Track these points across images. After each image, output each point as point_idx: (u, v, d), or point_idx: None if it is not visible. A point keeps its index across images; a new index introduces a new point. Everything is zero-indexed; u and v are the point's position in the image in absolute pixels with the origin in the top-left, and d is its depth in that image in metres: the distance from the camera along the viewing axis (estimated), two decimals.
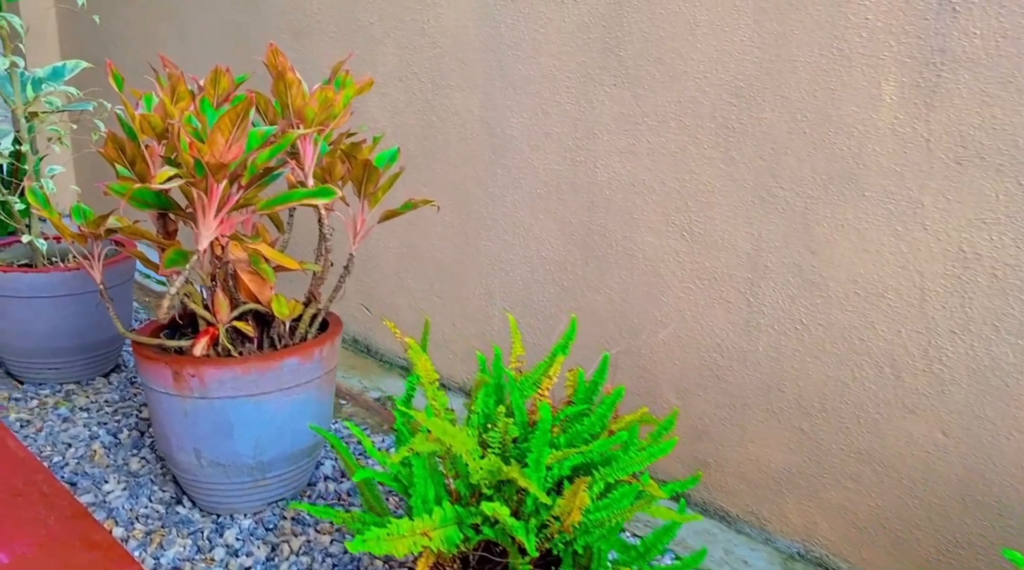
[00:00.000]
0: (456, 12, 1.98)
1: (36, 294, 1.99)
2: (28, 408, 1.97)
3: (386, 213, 1.51)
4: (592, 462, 1.03)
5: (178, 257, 1.32)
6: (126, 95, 1.41)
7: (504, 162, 1.94)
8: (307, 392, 1.54)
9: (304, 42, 2.42)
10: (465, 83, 2.00)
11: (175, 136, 1.18)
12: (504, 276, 2.00)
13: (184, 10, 2.87)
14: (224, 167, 1.17)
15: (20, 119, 2.05)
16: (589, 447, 1.01)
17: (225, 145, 1.17)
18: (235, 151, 1.19)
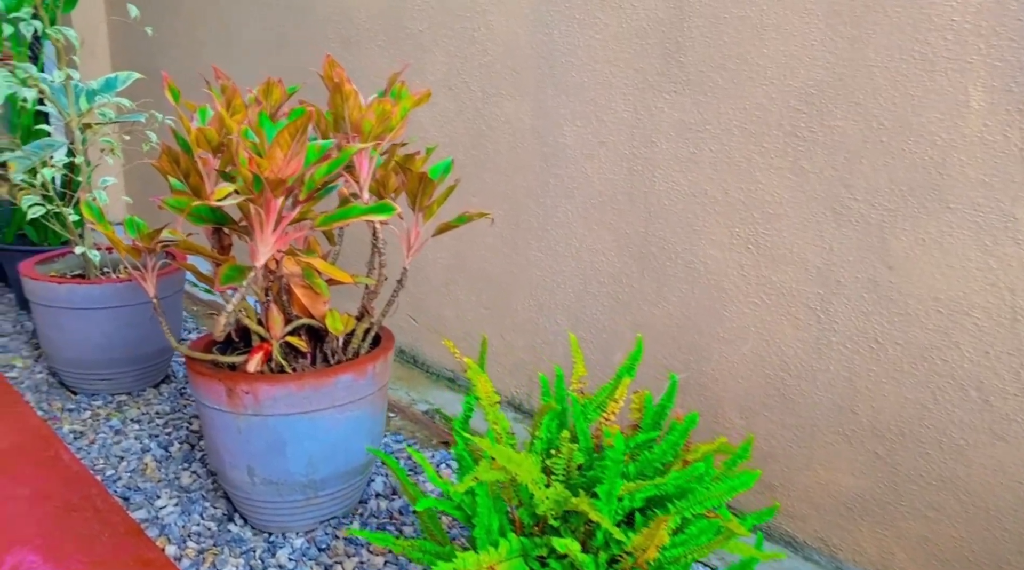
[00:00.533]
0: (508, 19, 1.94)
1: (89, 306, 2.00)
2: (81, 419, 1.97)
3: (441, 226, 1.47)
4: (667, 495, 0.97)
5: (234, 273, 1.29)
6: (181, 108, 1.40)
7: (556, 171, 1.90)
8: (360, 409, 1.51)
9: (353, 51, 2.40)
10: (516, 91, 1.96)
11: (234, 151, 1.16)
12: (556, 288, 1.95)
13: (231, 20, 2.88)
14: (283, 182, 1.14)
15: (74, 131, 2.06)
16: (664, 479, 0.95)
17: (284, 160, 1.14)
18: (293, 166, 1.17)
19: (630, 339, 1.79)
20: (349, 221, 1.20)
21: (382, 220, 1.25)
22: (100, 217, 1.52)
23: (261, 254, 1.23)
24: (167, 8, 3.16)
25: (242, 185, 1.15)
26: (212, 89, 1.70)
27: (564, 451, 1.08)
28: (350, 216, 1.21)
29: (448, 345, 1.25)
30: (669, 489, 0.97)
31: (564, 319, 1.95)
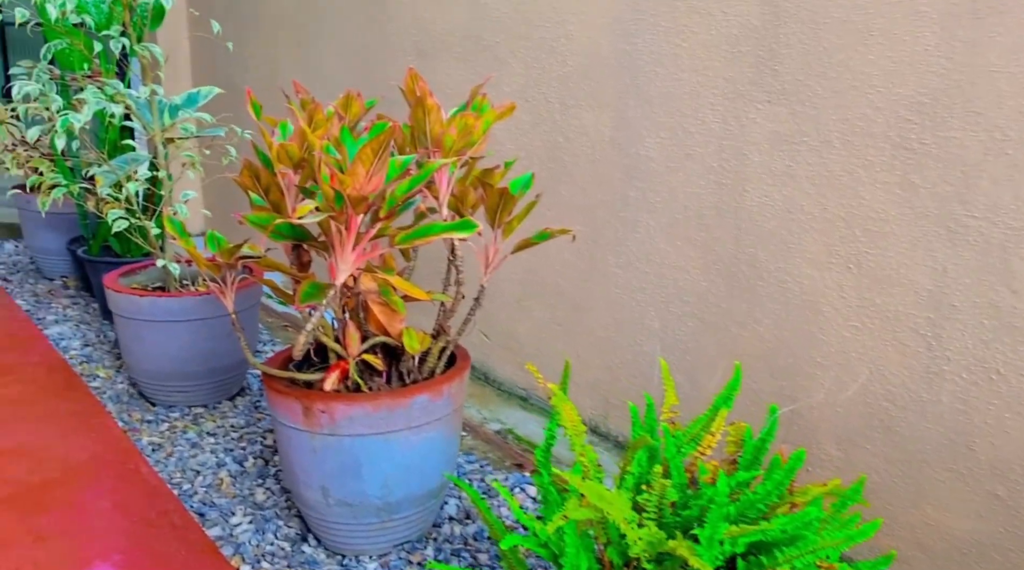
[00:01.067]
0: (588, 29, 1.88)
1: (168, 318, 2.02)
2: (159, 431, 1.99)
3: (520, 243, 1.42)
4: (774, 541, 0.89)
5: (314, 291, 1.27)
6: (263, 123, 1.38)
7: (638, 185, 1.83)
8: (436, 430, 1.46)
9: (429, 63, 2.38)
10: (596, 102, 1.90)
11: (316, 167, 1.13)
12: (635, 307, 1.88)
13: (308, 34, 2.91)
14: (364, 199, 1.11)
15: (157, 145, 2.10)
16: (771, 524, 0.87)
17: (366, 177, 1.11)
18: (375, 182, 1.13)
19: (716, 361, 1.70)
20: (430, 239, 1.16)
21: (463, 238, 1.20)
22: (182, 231, 1.52)
23: (341, 272, 1.20)
24: (247, 23, 3.22)
25: (323, 202, 1.12)
26: (292, 104, 1.70)
27: (656, 487, 1.00)
28: (431, 234, 1.17)
29: (531, 370, 1.19)
30: (776, 535, 0.89)
31: (644, 339, 1.87)
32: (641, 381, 1.90)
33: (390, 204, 1.17)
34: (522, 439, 2.03)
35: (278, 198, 1.47)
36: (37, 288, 3.10)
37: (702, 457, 1.07)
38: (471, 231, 1.16)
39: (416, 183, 1.17)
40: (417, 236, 1.17)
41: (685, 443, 1.08)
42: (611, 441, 1.99)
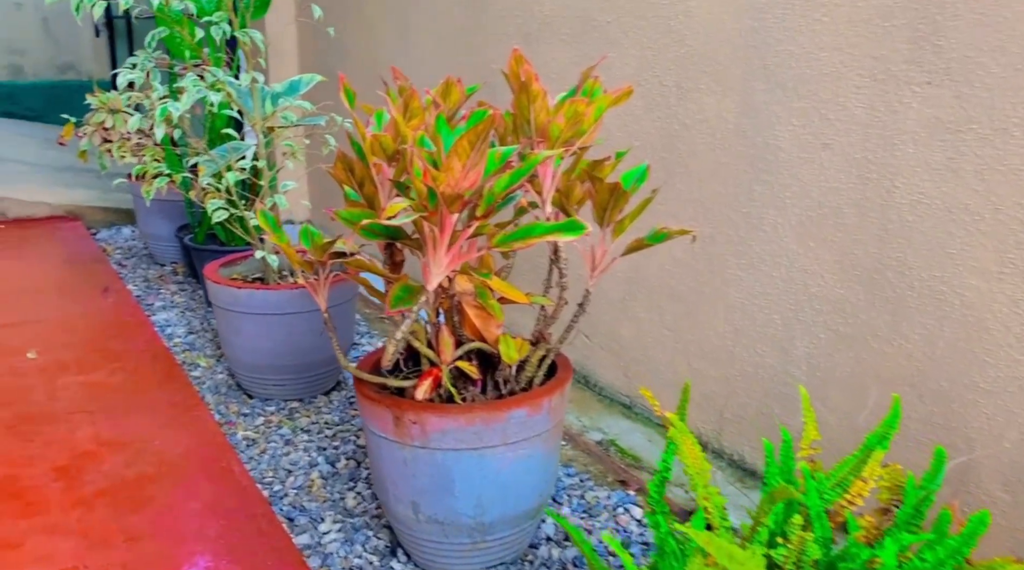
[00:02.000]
0: (711, 5, 1.70)
1: (266, 311, 1.99)
2: (254, 426, 1.96)
3: (633, 244, 1.27)
4: None
5: (405, 295, 1.17)
6: (357, 112, 1.29)
7: (765, 178, 1.63)
8: (533, 447, 1.34)
9: (533, 46, 2.24)
10: (718, 86, 1.72)
11: (408, 161, 1.02)
12: (757, 313, 1.69)
13: (410, 18, 2.83)
14: (459, 198, 0.99)
15: (259, 134, 2.06)
16: None
17: (462, 172, 0.99)
18: (472, 178, 1.01)
19: (852, 380, 1.50)
20: (532, 241, 1.03)
21: (569, 241, 1.07)
22: (275, 226, 1.45)
23: (434, 276, 1.09)
24: (350, 8, 3.18)
25: (416, 200, 1.01)
26: (389, 91, 1.60)
27: (794, 541, 0.84)
28: (533, 236, 1.04)
29: (647, 395, 1.05)
30: None
31: (767, 349, 1.68)
32: (762, 396, 1.72)
33: (488, 201, 1.05)
34: (626, 452, 1.88)
35: (372, 192, 1.38)
36: (148, 273, 3.18)
37: (850, 506, 0.90)
38: (579, 233, 1.02)
39: (518, 178, 1.04)
40: (517, 238, 1.05)
41: (829, 489, 0.91)
42: (725, 459, 1.81)
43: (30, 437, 1.78)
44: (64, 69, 7.29)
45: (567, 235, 1.02)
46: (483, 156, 1.01)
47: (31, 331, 2.43)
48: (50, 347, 2.31)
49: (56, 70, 7.25)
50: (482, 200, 1.06)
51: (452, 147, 0.98)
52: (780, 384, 1.67)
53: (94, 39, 6.91)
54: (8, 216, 3.78)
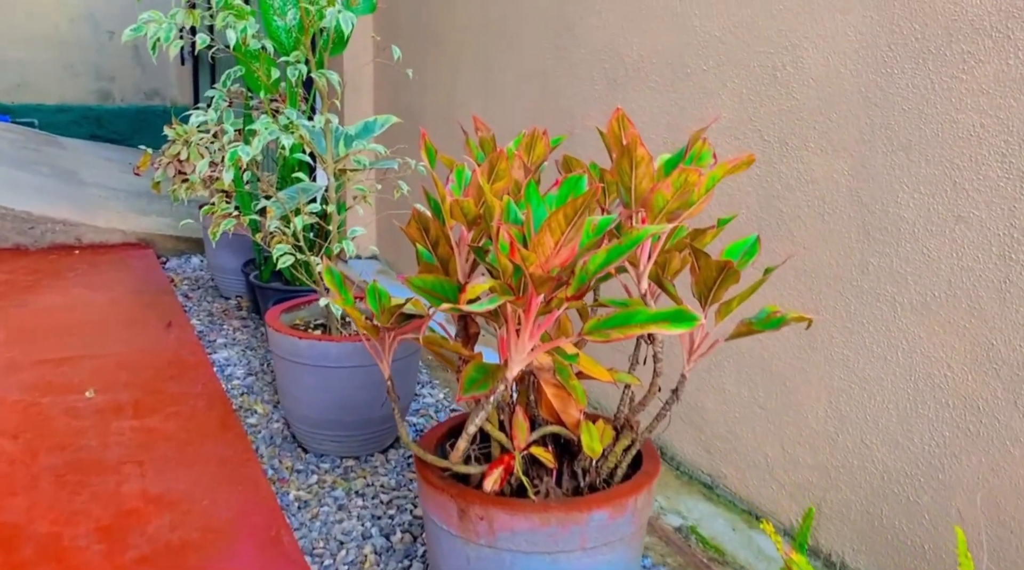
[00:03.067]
0: (827, 55, 1.54)
1: (326, 364, 1.88)
2: (307, 485, 1.85)
3: (741, 328, 1.11)
4: None
5: (480, 376, 1.03)
6: (437, 171, 1.17)
7: (883, 249, 1.45)
8: (614, 552, 1.18)
9: (619, 93, 2.12)
10: (829, 144, 1.55)
11: (494, 233, 0.90)
12: (867, 400, 1.50)
13: (491, 59, 2.74)
14: (550, 280, 0.86)
15: (330, 177, 1.98)
16: None
17: (554, 249, 0.86)
18: (564, 255, 0.88)
19: (983, 489, 1.29)
20: (632, 332, 0.88)
21: (677, 333, 0.91)
22: (340, 285, 1.35)
23: (515, 362, 0.95)
24: (429, 49, 3.12)
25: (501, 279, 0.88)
26: (469, 142, 1.49)
27: None
28: (633, 324, 0.90)
29: (767, 530, 0.88)
30: None
31: (878, 442, 1.48)
32: (868, 494, 1.51)
33: (580, 280, 0.91)
34: (708, 542, 1.70)
35: (447, 254, 1.26)
36: (213, 307, 3.14)
37: None
38: (689, 326, 0.87)
39: (616, 256, 0.90)
40: (615, 325, 0.90)
41: None
42: (821, 558, 1.61)
43: (78, 489, 1.70)
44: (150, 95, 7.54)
45: (675, 327, 0.87)
46: (579, 231, 0.88)
47: (92, 367, 2.39)
48: (109, 386, 2.26)
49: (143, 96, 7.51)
50: (574, 278, 0.92)
51: (545, 222, 0.85)
52: (892, 483, 1.47)
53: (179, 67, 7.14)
54: (83, 241, 3.83)
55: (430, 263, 1.26)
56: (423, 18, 3.17)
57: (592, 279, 0.92)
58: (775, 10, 1.65)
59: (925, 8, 1.36)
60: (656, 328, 0.86)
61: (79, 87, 7.23)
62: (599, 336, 0.89)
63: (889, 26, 1.42)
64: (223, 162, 1.86)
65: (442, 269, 1.28)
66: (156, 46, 1.64)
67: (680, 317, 0.86)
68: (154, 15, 1.71)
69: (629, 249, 0.89)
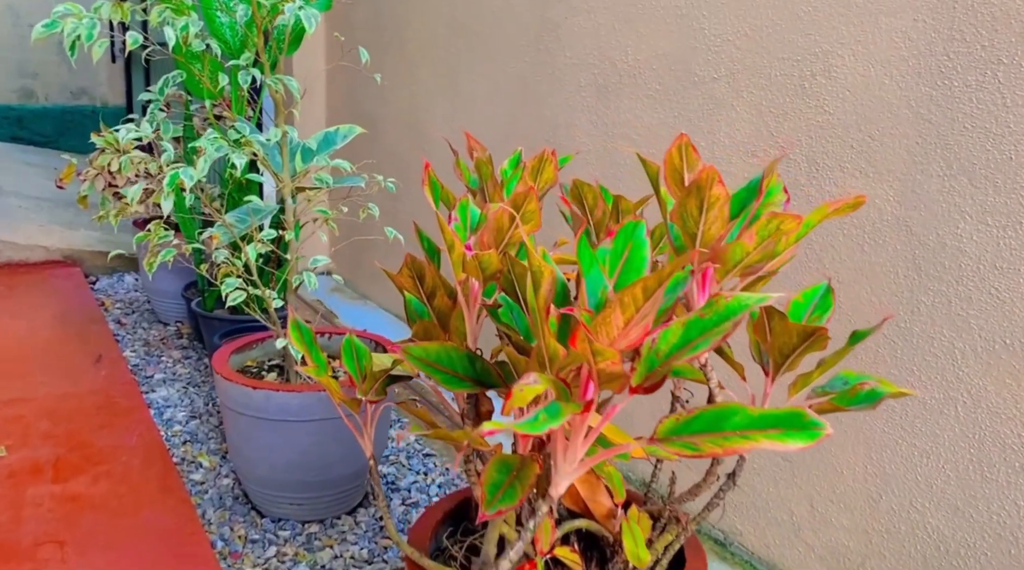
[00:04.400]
0: (867, 64, 1.35)
1: (284, 417, 1.62)
2: (264, 559, 1.58)
3: (824, 404, 0.90)
4: None
5: (504, 480, 0.79)
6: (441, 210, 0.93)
7: (936, 287, 1.27)
8: None
9: (610, 102, 1.90)
10: (870, 165, 1.36)
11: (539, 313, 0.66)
12: (919, 458, 1.31)
13: (458, 60, 2.49)
14: (623, 376, 0.63)
15: (286, 198, 1.71)
16: None
17: (623, 329, 0.63)
18: (635, 336, 0.65)
19: None
20: (732, 447, 0.65)
21: (794, 447, 0.69)
22: (311, 345, 1.09)
23: (563, 476, 0.72)
24: (389, 48, 2.86)
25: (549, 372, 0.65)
26: (460, 164, 1.25)
27: None
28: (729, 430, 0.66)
29: None
30: None
31: (932, 506, 1.30)
32: (919, 564, 1.33)
33: (649, 365, 0.69)
34: None
35: (445, 308, 1.02)
36: (150, 335, 2.82)
37: None
38: (812, 439, 0.65)
39: (699, 333, 0.68)
40: (701, 431, 0.67)
41: None
42: None
43: None
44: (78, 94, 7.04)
45: (793, 440, 0.64)
46: (656, 306, 0.65)
47: (5, 416, 2.07)
48: (26, 439, 1.94)
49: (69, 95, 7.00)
50: (639, 361, 0.69)
51: (616, 297, 0.62)
52: (951, 555, 1.28)
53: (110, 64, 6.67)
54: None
55: (426, 320, 1.02)
56: (381, 17, 2.91)
57: (666, 366, 0.69)
58: (801, 11, 1.45)
59: (995, 11, 1.17)
60: (767, 441, 0.64)
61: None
62: (683, 448, 0.66)
63: (948, 31, 1.23)
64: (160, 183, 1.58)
65: (439, 325, 1.04)
66: (75, 45, 1.35)
67: (798, 423, 0.64)
68: (73, 7, 1.42)
69: (720, 325, 0.67)
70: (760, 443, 0.63)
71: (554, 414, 0.59)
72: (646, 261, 0.74)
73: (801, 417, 0.64)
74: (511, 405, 0.61)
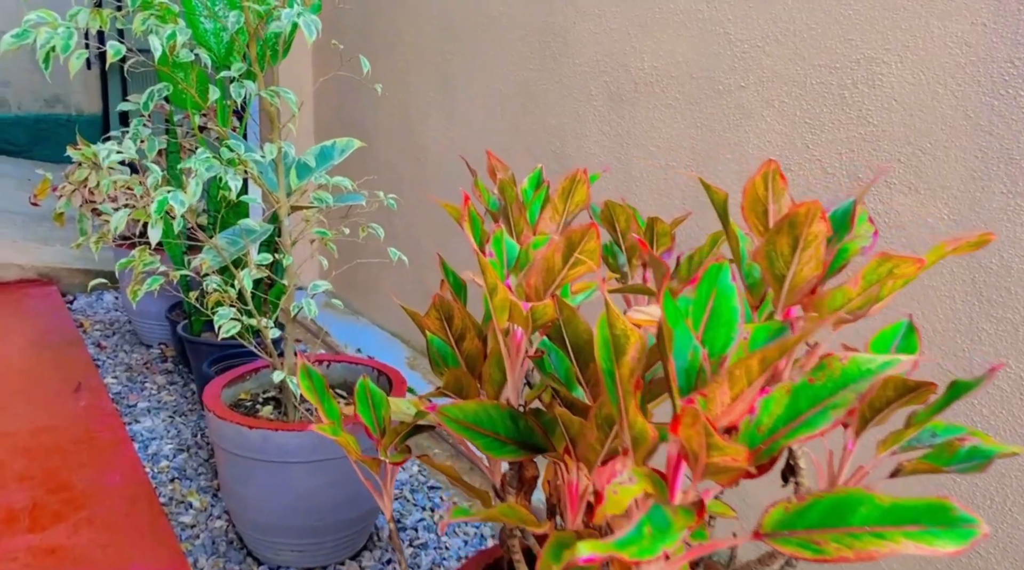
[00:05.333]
0: (916, 72, 1.24)
1: (284, 459, 1.49)
2: None
3: (919, 464, 0.79)
4: None
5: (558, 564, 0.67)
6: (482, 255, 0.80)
7: (1003, 314, 1.17)
8: None
9: (624, 111, 1.79)
10: (922, 181, 1.26)
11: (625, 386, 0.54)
12: (978, 499, 1.21)
13: (454, 66, 2.37)
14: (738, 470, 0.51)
15: (282, 219, 1.58)
16: None
17: (729, 407, 0.51)
18: (739, 411, 0.53)
19: None
20: (867, 549, 0.54)
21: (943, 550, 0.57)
22: (324, 396, 0.97)
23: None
24: (380, 56, 2.73)
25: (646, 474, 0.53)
26: (479, 184, 1.14)
27: None
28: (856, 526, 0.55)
29: None
30: None
31: (1004, 562, 1.20)
32: None
33: (750, 441, 0.57)
34: None
35: (475, 351, 0.90)
36: (132, 358, 2.67)
37: None
38: (960, 542, 0.53)
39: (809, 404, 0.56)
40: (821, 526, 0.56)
41: None
42: None
43: None
44: (52, 102, 6.83)
45: (939, 542, 0.53)
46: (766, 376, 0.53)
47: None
48: (0, 481, 1.79)
49: (43, 103, 6.79)
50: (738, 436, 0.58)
51: (726, 370, 0.50)
52: None
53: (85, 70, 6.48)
54: None
55: (456, 368, 0.90)
56: (372, 22, 2.78)
57: (770, 443, 0.57)
58: (841, 15, 1.35)
59: None
60: (907, 541, 0.52)
61: None
62: (800, 548, 0.55)
63: (1012, 36, 1.13)
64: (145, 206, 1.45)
65: (468, 371, 0.92)
66: (49, 57, 1.22)
67: (944, 517, 0.53)
68: (46, 15, 1.29)
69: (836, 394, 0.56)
70: (900, 544, 0.52)
71: (663, 530, 0.47)
72: (735, 313, 0.63)
73: (947, 510, 0.53)
74: (603, 511, 0.49)
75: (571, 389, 0.83)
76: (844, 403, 0.55)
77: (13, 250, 3.48)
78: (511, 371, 0.79)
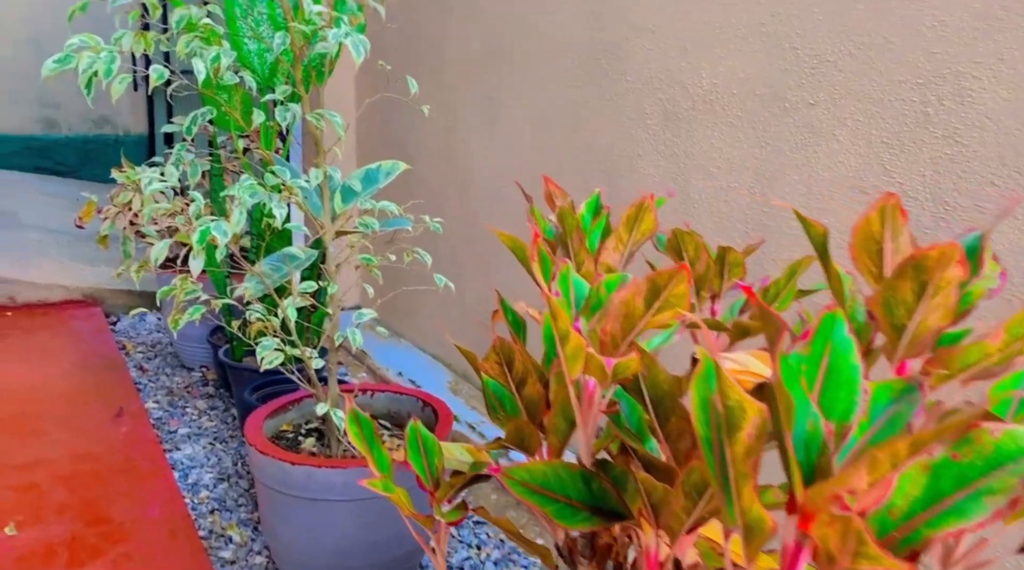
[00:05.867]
0: (1012, 88, 1.14)
1: (327, 497, 1.42)
2: None
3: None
4: None
5: None
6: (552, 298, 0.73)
7: None
8: None
9: (679, 130, 1.71)
10: (1020, 208, 1.15)
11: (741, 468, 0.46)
12: None
13: (500, 85, 2.31)
14: None
15: (328, 246, 1.52)
16: None
17: (866, 493, 0.42)
18: (876, 495, 0.45)
19: None
20: None
21: None
22: (372, 443, 0.90)
23: None
24: (423, 76, 2.68)
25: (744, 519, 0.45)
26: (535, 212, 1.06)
27: None
28: None
29: None
30: None
31: None
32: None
33: (881, 528, 0.48)
34: None
35: (536, 397, 0.82)
36: (173, 382, 2.64)
37: None
38: None
39: (954, 486, 0.48)
40: None
41: None
42: None
43: None
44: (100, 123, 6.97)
45: None
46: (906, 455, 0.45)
47: (16, 483, 1.89)
48: (38, 513, 1.76)
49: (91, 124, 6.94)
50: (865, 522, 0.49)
51: (868, 453, 0.42)
52: None
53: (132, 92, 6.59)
54: (17, 301, 3.29)
55: (517, 418, 0.82)
56: (414, 41, 2.74)
57: (905, 530, 0.49)
58: (923, 26, 1.25)
59: None
60: None
61: (20, 115, 6.64)
62: None
63: None
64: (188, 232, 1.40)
65: (528, 419, 0.84)
66: (92, 82, 1.18)
67: None
68: (89, 39, 1.25)
69: (989, 474, 0.47)
70: None
71: None
72: (856, 372, 0.54)
73: None
74: None
75: (644, 442, 0.74)
76: (1002, 488, 0.46)
77: (60, 271, 3.50)
78: (583, 427, 0.71)
